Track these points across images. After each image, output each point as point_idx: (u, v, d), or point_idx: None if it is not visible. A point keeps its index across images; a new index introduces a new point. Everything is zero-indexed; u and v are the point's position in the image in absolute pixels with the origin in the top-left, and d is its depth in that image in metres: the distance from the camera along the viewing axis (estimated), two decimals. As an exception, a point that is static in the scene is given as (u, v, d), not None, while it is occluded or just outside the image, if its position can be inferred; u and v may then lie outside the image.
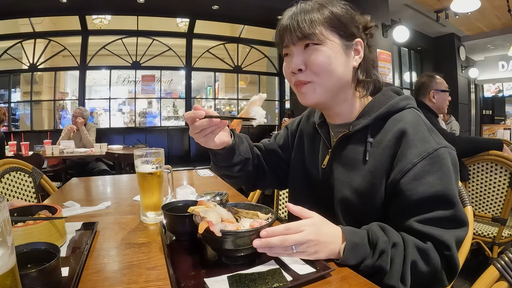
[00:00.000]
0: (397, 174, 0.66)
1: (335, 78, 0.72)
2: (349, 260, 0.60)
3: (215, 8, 5.34)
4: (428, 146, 0.66)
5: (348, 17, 0.74)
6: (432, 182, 0.63)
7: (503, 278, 0.54)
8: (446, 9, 5.01)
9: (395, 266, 0.60)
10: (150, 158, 0.88)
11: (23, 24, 5.21)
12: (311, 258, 0.60)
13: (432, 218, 0.63)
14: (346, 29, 0.73)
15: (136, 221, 0.91)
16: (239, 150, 0.84)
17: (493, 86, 8.86)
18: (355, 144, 0.76)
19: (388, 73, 4.72)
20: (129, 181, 1.57)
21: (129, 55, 5.65)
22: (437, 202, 0.63)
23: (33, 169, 1.56)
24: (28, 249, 0.55)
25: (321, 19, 0.71)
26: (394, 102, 0.74)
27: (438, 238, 0.61)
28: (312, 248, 0.59)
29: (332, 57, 0.71)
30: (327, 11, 0.72)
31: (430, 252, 0.61)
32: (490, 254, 1.81)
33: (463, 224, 0.64)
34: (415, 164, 0.64)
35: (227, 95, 7.37)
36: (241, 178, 0.93)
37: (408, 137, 0.67)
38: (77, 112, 3.90)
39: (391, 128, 0.71)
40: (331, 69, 0.71)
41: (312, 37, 0.70)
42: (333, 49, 0.71)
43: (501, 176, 1.74)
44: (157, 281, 0.56)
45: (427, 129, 0.69)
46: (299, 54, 0.73)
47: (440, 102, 2.03)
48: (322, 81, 0.72)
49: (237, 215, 0.69)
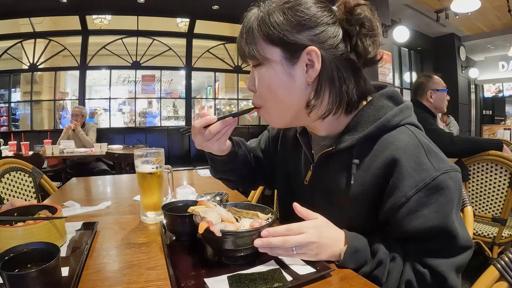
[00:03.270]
0: (389, 210, 0.59)
1: (282, 103, 0.63)
2: (348, 263, 0.59)
3: (215, 8, 5.34)
4: (425, 175, 0.57)
5: (294, 22, 0.59)
6: (428, 216, 0.56)
7: (503, 278, 0.54)
8: (446, 9, 5.02)
9: (391, 280, 0.58)
10: (150, 158, 0.88)
11: (23, 24, 5.21)
12: (312, 259, 0.59)
13: (429, 249, 0.58)
14: (286, 39, 0.59)
15: (136, 221, 0.91)
16: (238, 155, 0.84)
17: (493, 86, 8.86)
18: (339, 164, 0.67)
19: (388, 73, 4.73)
20: (129, 181, 1.57)
21: (129, 55, 5.65)
22: (434, 236, 0.58)
23: (33, 169, 1.56)
24: (28, 249, 0.55)
25: (258, 33, 0.61)
26: (385, 120, 0.62)
27: (435, 269, 0.57)
28: (313, 250, 0.58)
29: (273, 80, 0.61)
30: (264, 20, 0.60)
31: (427, 277, 0.57)
32: (490, 254, 1.81)
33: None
34: (409, 198, 0.57)
35: (227, 95, 7.36)
36: (238, 181, 0.94)
37: (402, 167, 0.58)
38: (76, 111, 3.89)
39: (381, 150, 0.61)
40: (274, 94, 0.63)
41: (250, 56, 0.62)
42: (273, 70, 0.61)
43: (501, 176, 1.74)
44: (157, 281, 0.56)
45: (424, 153, 0.59)
46: (252, 73, 0.66)
47: (438, 102, 2.06)
48: (271, 106, 0.65)
49: (237, 215, 0.69)
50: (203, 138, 0.69)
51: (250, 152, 0.91)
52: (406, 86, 6.96)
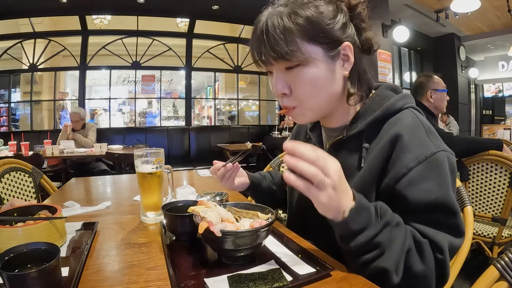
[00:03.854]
0: (391, 180, 0.61)
1: (324, 98, 0.65)
2: (352, 222, 0.53)
3: (215, 8, 5.34)
4: (426, 150, 0.60)
5: (327, 17, 0.62)
6: (430, 189, 0.58)
7: (503, 278, 0.53)
8: (446, 9, 5.02)
9: (394, 247, 0.54)
10: (150, 158, 0.88)
11: (23, 24, 5.21)
12: (322, 202, 0.50)
13: (429, 220, 0.58)
14: (328, 36, 0.62)
15: (136, 221, 0.91)
16: (258, 189, 0.98)
17: (493, 86, 8.87)
18: (350, 150, 0.70)
19: (388, 73, 4.73)
20: (129, 181, 1.57)
21: (129, 55, 5.66)
22: (435, 209, 0.58)
23: (33, 169, 1.56)
24: (28, 249, 0.55)
25: (297, 31, 0.60)
26: (390, 104, 0.67)
27: (432, 239, 0.57)
28: (330, 190, 0.50)
29: (319, 78, 0.63)
30: (300, 19, 0.60)
31: (426, 248, 0.56)
32: (490, 254, 1.81)
33: (461, 234, 0.60)
34: (410, 169, 0.59)
35: (227, 95, 7.37)
36: (273, 204, 1.00)
37: (404, 141, 0.61)
38: (75, 116, 3.84)
39: (387, 131, 0.65)
40: (318, 91, 0.64)
41: (290, 57, 0.60)
42: (318, 69, 0.62)
43: (501, 176, 1.74)
44: (157, 281, 0.56)
45: (425, 131, 0.63)
46: (280, 76, 0.64)
47: (438, 102, 2.06)
48: (309, 105, 0.66)
49: (237, 215, 0.69)
50: (218, 179, 0.89)
51: (275, 185, 1.03)
52: (406, 86, 6.96)
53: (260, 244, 0.62)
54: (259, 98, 6.96)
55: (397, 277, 0.54)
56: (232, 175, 0.88)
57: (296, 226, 0.87)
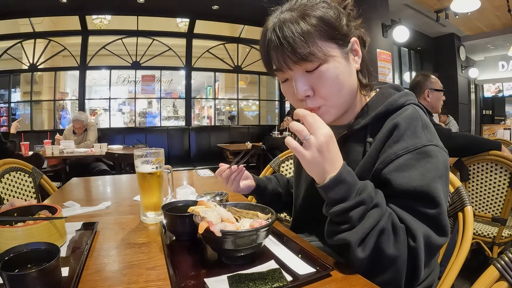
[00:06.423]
0: (380, 164, 0.63)
1: (346, 93, 0.68)
2: (329, 191, 0.56)
3: (215, 8, 5.34)
4: (417, 141, 0.61)
5: (335, 15, 0.65)
6: (413, 177, 0.58)
7: (503, 278, 0.53)
8: (446, 9, 5.02)
9: (364, 224, 0.55)
10: (150, 158, 0.88)
11: (23, 24, 5.21)
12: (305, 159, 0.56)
13: (409, 207, 0.59)
14: (341, 32, 0.65)
15: (136, 221, 0.91)
16: (266, 190, 0.97)
17: (493, 86, 8.87)
18: (355, 145, 0.73)
19: (388, 73, 4.72)
20: (129, 181, 1.57)
21: (129, 55, 5.66)
22: (416, 198, 0.58)
23: (33, 169, 1.56)
24: (28, 249, 0.55)
25: (314, 32, 0.62)
26: (392, 100, 0.70)
27: (408, 224, 0.57)
28: (314, 149, 0.55)
29: (340, 74, 0.65)
30: (314, 19, 0.62)
31: (401, 233, 0.56)
32: (490, 254, 1.81)
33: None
34: (398, 156, 0.61)
35: (227, 95, 7.37)
36: (279, 208, 1.04)
37: (399, 131, 0.63)
38: (78, 123, 3.83)
39: (388, 125, 0.67)
40: (342, 86, 0.66)
41: (312, 58, 0.62)
42: (338, 64, 0.65)
43: (501, 176, 1.74)
44: (157, 281, 0.56)
45: (421, 125, 0.64)
46: (302, 78, 0.65)
47: (434, 101, 2.06)
48: (334, 102, 0.68)
49: (237, 215, 0.69)
50: (224, 182, 0.89)
51: (281, 187, 1.03)
52: (406, 86, 6.91)
53: (260, 244, 0.62)
54: (259, 98, 6.96)
55: (363, 253, 0.55)
56: (237, 177, 0.88)
57: (301, 223, 0.88)
